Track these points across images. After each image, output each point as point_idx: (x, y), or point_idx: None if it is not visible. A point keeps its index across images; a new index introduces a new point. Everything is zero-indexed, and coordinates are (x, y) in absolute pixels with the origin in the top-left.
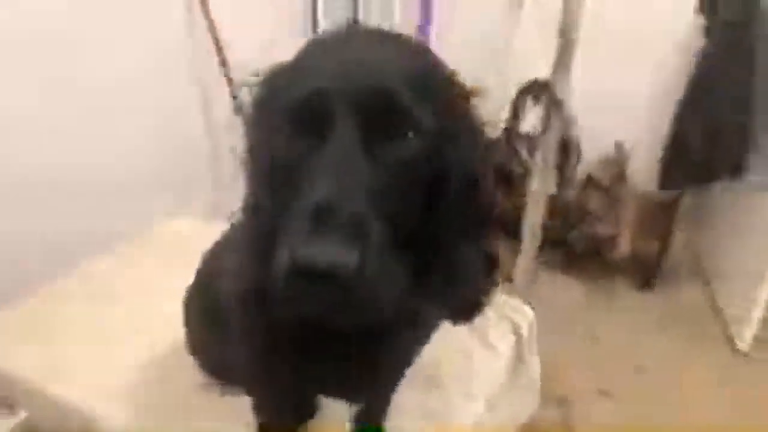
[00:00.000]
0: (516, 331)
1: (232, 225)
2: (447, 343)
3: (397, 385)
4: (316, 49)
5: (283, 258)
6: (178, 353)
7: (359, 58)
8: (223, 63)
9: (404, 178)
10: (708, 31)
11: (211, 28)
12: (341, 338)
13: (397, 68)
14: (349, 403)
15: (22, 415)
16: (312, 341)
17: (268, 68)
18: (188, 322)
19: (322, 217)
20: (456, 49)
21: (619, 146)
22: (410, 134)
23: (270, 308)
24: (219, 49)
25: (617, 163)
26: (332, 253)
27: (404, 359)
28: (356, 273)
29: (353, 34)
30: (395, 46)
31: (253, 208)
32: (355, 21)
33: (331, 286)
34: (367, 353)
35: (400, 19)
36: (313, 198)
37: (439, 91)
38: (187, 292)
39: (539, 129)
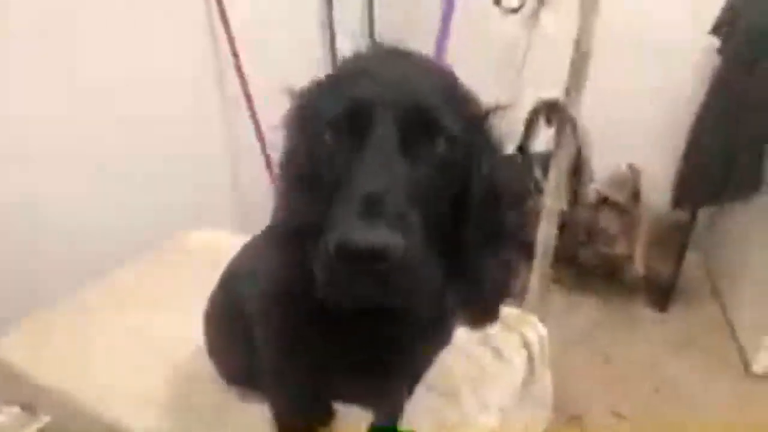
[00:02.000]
0: (527, 345)
1: (261, 232)
2: (461, 355)
3: (413, 390)
4: (353, 66)
5: (333, 241)
6: (201, 360)
7: (394, 73)
8: (242, 78)
9: (434, 182)
10: (723, 50)
11: (232, 46)
12: (363, 342)
13: (427, 82)
14: (365, 408)
15: (45, 419)
16: (334, 344)
17: (307, 83)
18: (209, 330)
19: (370, 206)
20: (469, 66)
21: (631, 166)
22: (440, 141)
23: (303, 302)
24: (239, 68)
25: (630, 182)
26: (383, 235)
27: (421, 366)
28: (403, 256)
29: (385, 53)
30: (423, 64)
31: (287, 210)
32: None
33: (376, 268)
34: (387, 357)
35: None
36: (359, 190)
37: (463, 106)
38: (209, 300)
39: (552, 147)
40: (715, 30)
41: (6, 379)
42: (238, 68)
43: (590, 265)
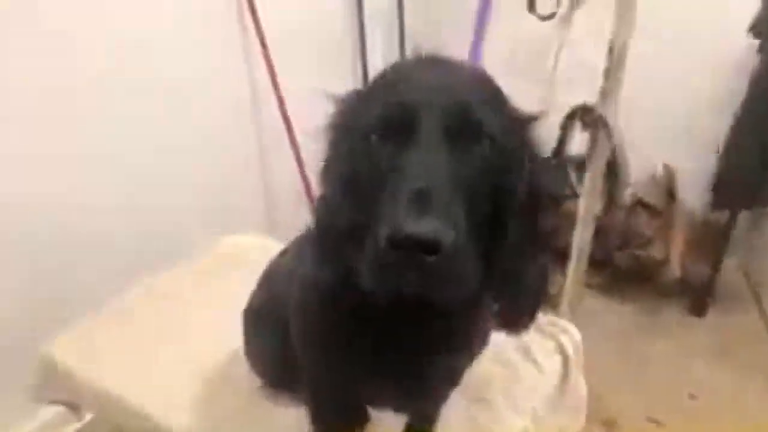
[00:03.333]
0: (562, 350)
1: (302, 234)
2: (495, 359)
3: (448, 395)
4: (395, 73)
5: (384, 231)
6: (238, 362)
7: (437, 77)
8: (276, 86)
9: (477, 183)
10: (762, 50)
11: (265, 55)
12: (399, 345)
13: (470, 87)
14: (399, 413)
15: (87, 417)
16: (371, 347)
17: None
18: (248, 330)
19: (420, 199)
20: (502, 70)
21: (667, 168)
22: (484, 143)
23: (341, 305)
24: (273, 76)
25: (666, 184)
26: (434, 226)
27: (457, 370)
28: (452, 248)
29: (425, 60)
30: (464, 70)
31: (330, 211)
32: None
33: (425, 260)
34: (423, 361)
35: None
36: (409, 185)
37: (504, 110)
38: (248, 300)
39: (587, 152)
40: (753, 29)
41: (53, 379)
42: (270, 68)
43: (625, 269)
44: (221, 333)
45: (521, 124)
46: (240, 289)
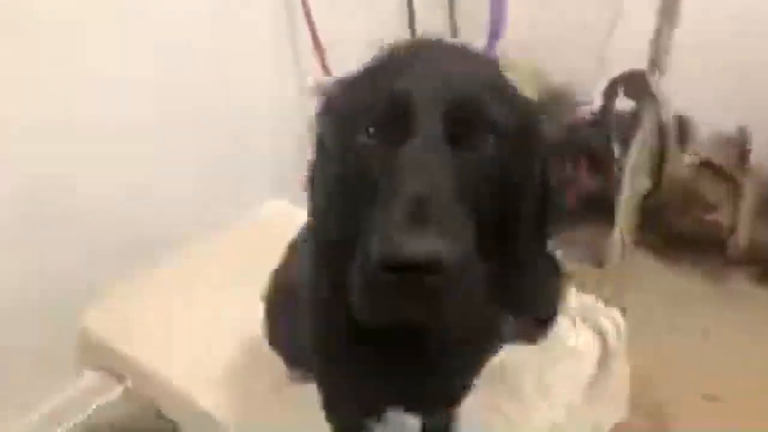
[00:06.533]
0: (602, 335)
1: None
2: (526, 346)
3: (464, 397)
4: (389, 58)
5: (376, 251)
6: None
7: (436, 65)
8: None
9: (483, 184)
10: None
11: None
12: (404, 352)
13: (474, 75)
14: (413, 414)
15: (129, 383)
16: (374, 352)
17: (336, 80)
18: (269, 313)
19: (417, 209)
20: (549, 44)
21: (741, 129)
22: (490, 138)
23: (340, 317)
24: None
25: (738, 146)
26: (434, 243)
27: (467, 376)
28: (456, 266)
29: (423, 44)
30: (469, 57)
31: (320, 219)
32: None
33: (425, 281)
34: (436, 365)
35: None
36: (403, 192)
37: (512, 101)
38: (268, 283)
39: (632, 123)
40: None
41: (91, 348)
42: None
43: (687, 234)
44: (254, 307)
45: (530, 115)
46: (276, 259)
